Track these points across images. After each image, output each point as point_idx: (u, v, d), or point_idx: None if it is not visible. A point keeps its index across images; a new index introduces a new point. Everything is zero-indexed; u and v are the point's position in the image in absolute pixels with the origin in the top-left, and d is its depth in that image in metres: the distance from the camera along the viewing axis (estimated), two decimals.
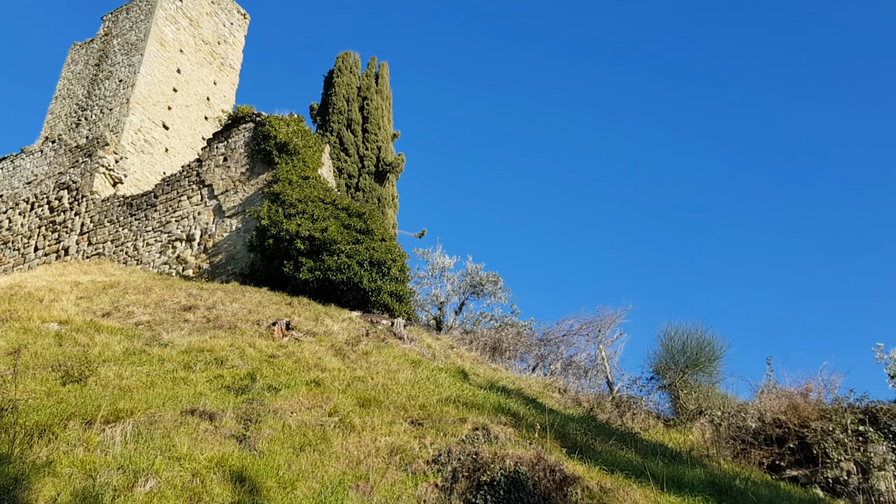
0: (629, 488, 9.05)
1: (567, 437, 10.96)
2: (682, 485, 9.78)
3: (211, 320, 14.93)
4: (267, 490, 7.57)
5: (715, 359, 16.53)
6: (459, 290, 24.64)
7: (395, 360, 13.43)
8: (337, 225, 18.56)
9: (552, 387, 16.48)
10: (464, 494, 8.54)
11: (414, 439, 9.56)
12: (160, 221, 23.26)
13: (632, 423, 14.07)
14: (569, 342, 20.85)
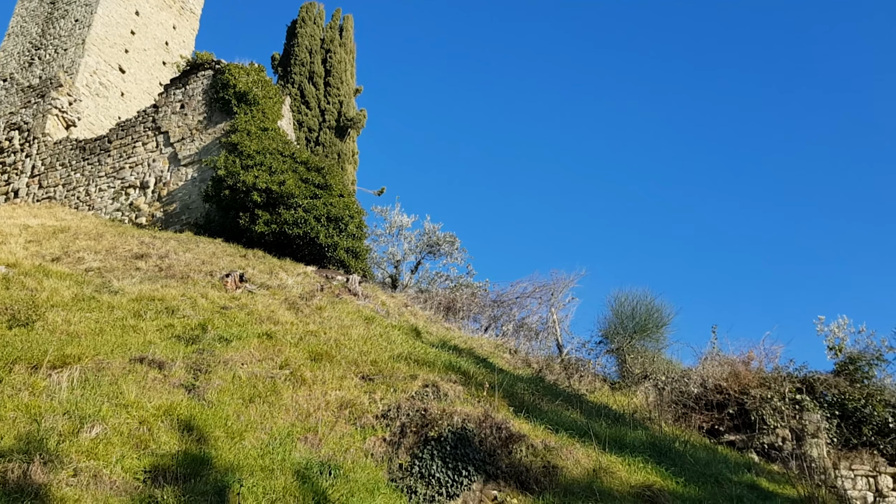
0: (572, 447, 9.30)
1: (515, 396, 11.18)
2: (624, 445, 10.07)
3: (163, 269, 14.77)
4: (215, 440, 7.60)
5: (662, 325, 16.94)
6: (416, 250, 24.71)
7: (349, 316, 13.47)
8: (295, 178, 18.38)
9: (503, 347, 16.71)
10: (411, 449, 8.68)
11: (364, 394, 9.66)
12: (114, 167, 22.77)
13: (579, 385, 14.38)
14: (522, 304, 21.13)
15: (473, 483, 8.26)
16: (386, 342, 12.11)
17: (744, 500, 8.94)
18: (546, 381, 13.82)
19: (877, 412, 13.54)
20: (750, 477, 10.19)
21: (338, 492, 7.11)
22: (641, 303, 17.21)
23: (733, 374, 13.85)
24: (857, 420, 13.67)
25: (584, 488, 8.29)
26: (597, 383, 15.24)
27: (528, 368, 15.24)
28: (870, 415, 13.53)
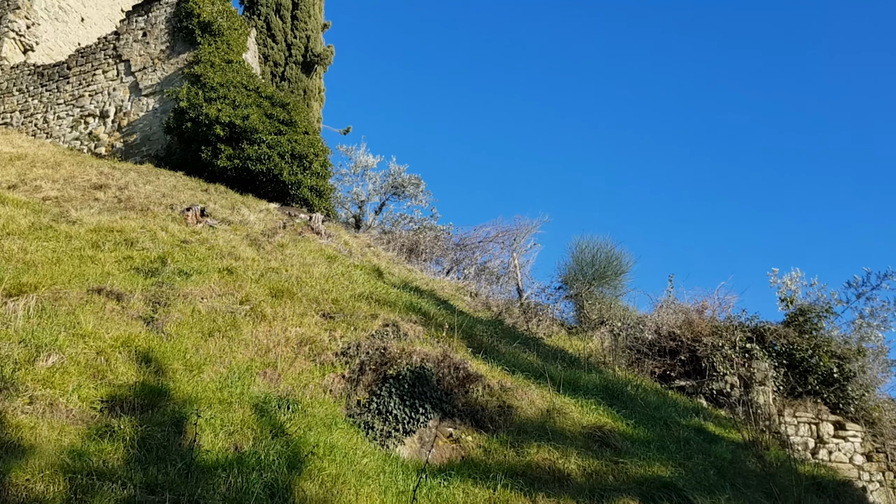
0: (528, 388, 9.51)
1: (474, 338, 11.33)
2: (578, 388, 10.32)
3: (122, 201, 14.54)
4: (173, 372, 7.63)
5: (621, 273, 17.22)
6: (381, 191, 24.61)
7: (311, 255, 13.45)
8: (259, 113, 18.08)
9: (464, 290, 16.86)
10: (370, 386, 8.80)
11: (324, 332, 9.72)
12: (73, 95, 22.13)
13: (536, 329, 14.61)
14: (484, 248, 21.25)
15: (430, 420, 8.43)
16: (348, 281, 12.14)
17: (690, 443, 9.26)
18: (505, 325, 14.02)
19: (823, 362, 14.01)
20: (698, 421, 10.54)
21: (295, 425, 7.20)
22: (602, 250, 17.46)
23: (687, 322, 14.18)
24: (803, 369, 14.14)
25: (537, 428, 8.51)
26: (554, 328, 15.50)
27: (488, 311, 15.43)
28: (816, 365, 14.00)
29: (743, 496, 7.77)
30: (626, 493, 7.33)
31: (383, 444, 7.93)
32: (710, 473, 8.22)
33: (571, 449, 8.14)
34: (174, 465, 5.83)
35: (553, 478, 7.59)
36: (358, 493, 6.34)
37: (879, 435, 14.27)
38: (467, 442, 8.26)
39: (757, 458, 9.03)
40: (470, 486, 7.13)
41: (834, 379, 14.09)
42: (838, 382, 14.08)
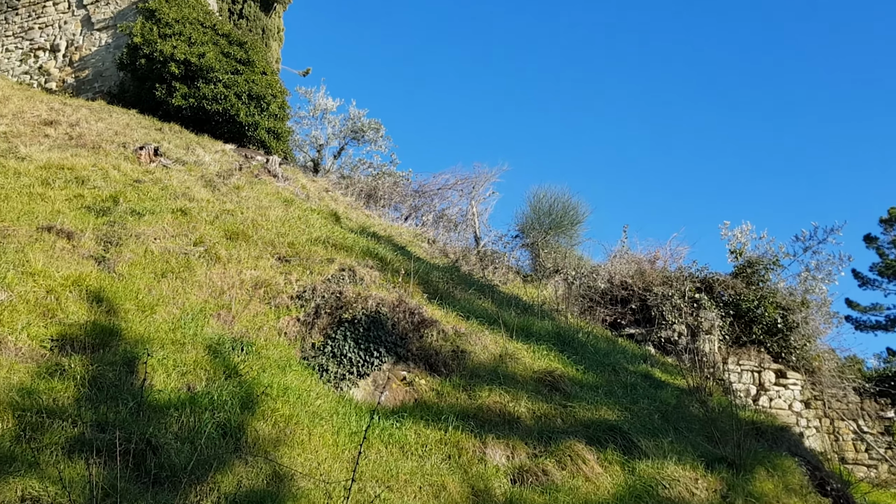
0: (482, 333, 9.66)
1: (430, 284, 11.42)
2: (531, 334, 10.51)
3: (73, 138, 14.17)
4: (125, 312, 7.58)
5: (577, 223, 17.41)
6: (340, 135, 24.32)
7: (268, 197, 13.32)
8: (216, 52, 17.64)
9: (422, 237, 16.90)
10: (325, 330, 8.85)
11: (280, 275, 9.70)
12: (22, 27, 21.29)
13: (492, 276, 14.76)
14: (443, 196, 21.23)
15: (384, 364, 8.54)
16: (304, 225, 12.07)
17: (637, 388, 9.53)
18: (461, 271, 14.13)
19: (768, 313, 14.45)
20: (645, 367, 10.83)
21: (249, 367, 7.24)
22: (559, 200, 17.60)
23: (639, 271, 14.47)
24: (749, 319, 14.57)
25: (489, 372, 8.68)
26: (510, 275, 15.67)
27: (444, 258, 15.52)
28: (761, 315, 14.44)
29: (685, 439, 8.06)
30: (573, 436, 7.55)
31: (337, 387, 8.02)
32: (655, 417, 8.49)
33: (522, 393, 8.34)
34: (125, 404, 5.85)
35: (503, 420, 7.78)
36: (311, 434, 6.43)
37: (818, 383, 14.85)
38: (421, 385, 8.40)
39: (700, 404, 9.34)
40: (422, 427, 7.28)
41: (778, 329, 14.55)
42: (782, 332, 14.56)
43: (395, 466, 6.36)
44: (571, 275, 15.27)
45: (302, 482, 5.55)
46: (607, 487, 6.86)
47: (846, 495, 8.80)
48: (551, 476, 6.86)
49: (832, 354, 15.74)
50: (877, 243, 43.05)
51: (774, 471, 7.90)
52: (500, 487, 6.58)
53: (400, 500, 5.78)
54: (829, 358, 15.44)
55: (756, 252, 15.83)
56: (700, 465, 7.42)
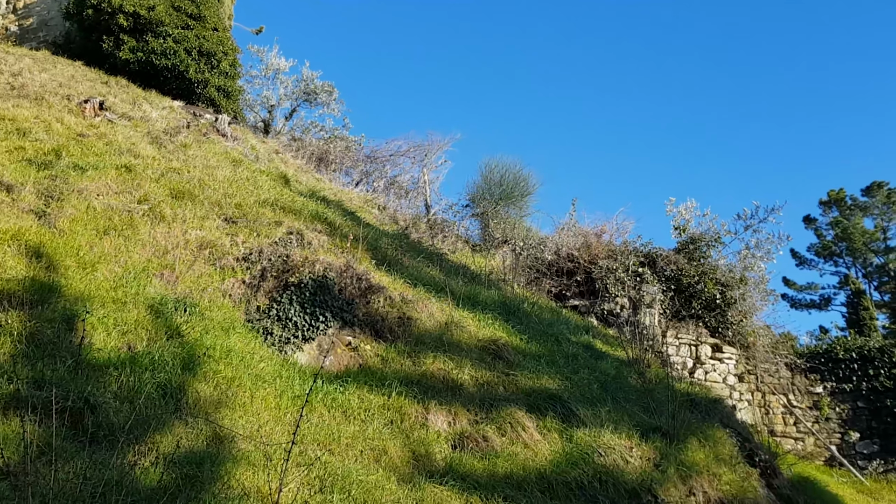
0: (428, 301, 9.72)
1: (379, 250, 11.42)
2: (477, 303, 10.61)
3: (15, 88, 13.66)
4: (65, 269, 7.41)
5: (527, 194, 17.53)
6: (292, 96, 23.92)
7: (216, 157, 13.09)
8: (166, 5, 17.12)
9: (373, 203, 16.85)
10: (270, 293, 8.80)
11: (226, 236, 9.57)
12: None
13: (442, 245, 14.82)
14: (395, 162, 21.13)
15: (330, 329, 8.53)
16: (253, 186, 11.93)
17: (578, 358, 9.72)
18: (411, 239, 14.15)
19: (707, 289, 14.82)
20: (587, 338, 11.04)
21: (192, 328, 7.17)
22: (510, 171, 17.68)
23: (585, 244, 14.67)
24: (689, 294, 14.94)
25: (435, 339, 8.76)
26: (459, 244, 15.75)
27: (394, 225, 15.51)
28: (701, 291, 14.81)
29: (622, 409, 8.27)
30: (514, 403, 7.69)
31: (281, 350, 8.00)
32: (594, 387, 8.69)
33: (466, 360, 8.44)
34: (64, 362, 5.75)
35: (446, 387, 7.88)
36: (253, 396, 6.43)
37: (752, 358, 15.34)
38: (366, 351, 8.44)
39: (638, 375, 9.59)
40: (365, 392, 7.33)
41: (716, 305, 14.95)
42: (720, 308, 14.97)
43: (337, 430, 6.41)
44: (520, 245, 15.41)
45: (242, 444, 5.56)
46: (545, 454, 7.02)
47: (773, 466, 9.16)
48: (491, 442, 6.99)
49: (767, 331, 16.25)
50: (815, 224, 44.38)
51: (706, 441, 8.17)
52: (440, 453, 6.68)
53: (341, 464, 5.83)
54: (764, 334, 15.94)
55: (699, 229, 16.20)
56: (635, 435, 7.63)
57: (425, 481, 6.00)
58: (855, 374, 16.03)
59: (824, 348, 16.67)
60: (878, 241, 41.86)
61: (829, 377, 16.16)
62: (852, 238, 41.62)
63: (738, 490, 7.65)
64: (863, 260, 42.10)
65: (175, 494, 4.73)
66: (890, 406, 15.50)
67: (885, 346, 16.14)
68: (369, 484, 5.63)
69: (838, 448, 15.47)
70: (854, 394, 15.98)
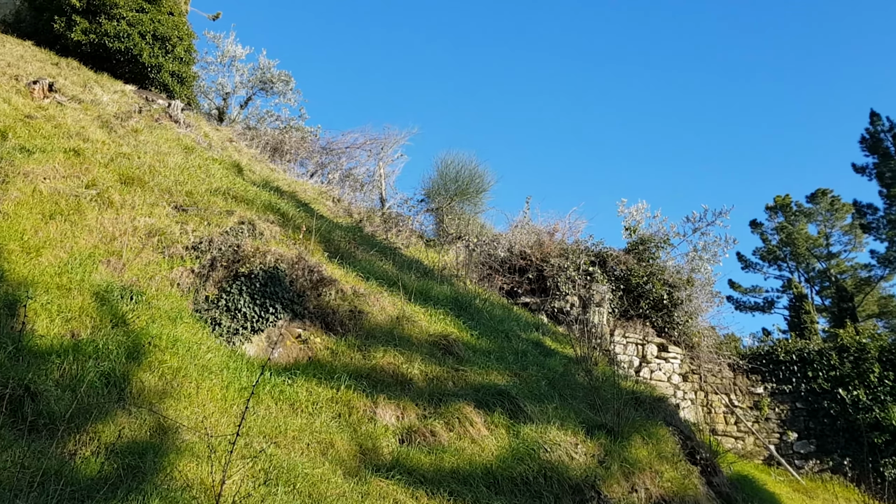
0: (380, 295, 9.71)
1: (332, 242, 11.36)
2: (429, 298, 10.64)
3: None
4: (9, 253, 7.23)
5: (482, 191, 17.61)
6: (248, 84, 23.60)
7: (168, 143, 12.88)
8: None
9: (327, 195, 16.74)
10: (220, 283, 8.69)
11: (176, 224, 9.43)
12: None
13: (396, 239, 14.81)
14: (351, 155, 20.97)
15: (279, 320, 8.47)
16: (205, 174, 11.75)
17: (528, 355, 9.82)
18: (365, 232, 14.11)
19: (655, 289, 15.08)
20: (537, 335, 11.16)
21: (138, 317, 7.06)
22: (466, 167, 17.73)
23: (538, 242, 14.80)
24: (637, 294, 15.19)
25: (386, 334, 8.76)
26: (413, 239, 15.76)
27: (349, 218, 15.44)
28: (649, 291, 15.07)
29: (569, 406, 8.38)
30: (462, 398, 7.74)
31: (229, 341, 7.93)
32: (543, 384, 8.79)
33: (416, 355, 8.46)
34: (4, 348, 5.62)
35: (396, 381, 7.89)
36: (199, 387, 6.36)
37: (696, 358, 15.67)
38: (315, 343, 8.40)
39: (586, 373, 9.72)
40: (314, 385, 7.30)
41: (664, 305, 15.23)
42: (667, 308, 15.25)
43: (284, 423, 6.38)
44: (473, 242, 15.48)
45: (187, 435, 5.50)
46: (492, 449, 7.08)
47: (713, 464, 9.38)
48: (439, 437, 7.04)
49: (712, 332, 16.61)
50: (761, 229, 45.47)
51: (650, 439, 8.33)
52: (387, 447, 6.70)
53: (287, 457, 5.81)
54: (709, 335, 16.29)
55: (649, 230, 16.47)
56: (581, 431, 7.74)
57: (372, 475, 6.01)
58: (794, 376, 16.48)
59: (766, 350, 17.09)
60: (820, 247, 43.07)
61: (769, 378, 16.58)
62: (796, 243, 42.74)
63: (678, 487, 7.82)
64: (806, 265, 43.27)
65: (116, 485, 4.67)
66: (827, 407, 15.98)
67: (823, 349, 16.62)
68: (315, 477, 5.62)
69: (777, 447, 15.89)
70: (793, 395, 16.43)
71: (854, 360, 16.03)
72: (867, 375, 15.68)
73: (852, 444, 15.54)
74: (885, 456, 14.98)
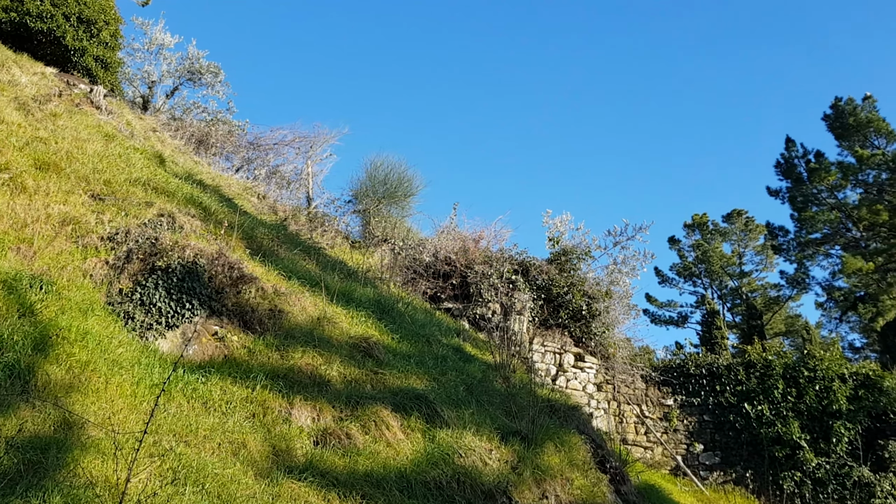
0: (302, 295, 9.62)
1: (255, 239, 11.20)
2: (352, 300, 10.59)
3: None
4: None
5: (410, 195, 17.64)
6: (175, 74, 23.03)
7: (87, 129, 12.47)
8: None
9: (252, 191, 16.49)
10: (135, 276, 8.46)
11: (92, 213, 9.14)
12: None
13: (321, 239, 14.69)
14: (279, 151, 20.67)
15: (196, 317, 8.30)
16: (125, 164, 11.43)
17: (448, 360, 9.88)
18: (289, 230, 13.95)
19: (575, 300, 15.39)
20: (458, 341, 11.23)
21: (47, 307, 6.82)
22: (395, 170, 17.73)
23: (463, 249, 14.92)
24: (558, 304, 15.47)
25: (305, 334, 8.68)
26: (338, 240, 15.65)
27: (274, 215, 15.24)
28: (569, 301, 15.36)
29: (486, 412, 8.47)
30: (380, 402, 7.73)
31: (143, 336, 7.73)
32: (461, 389, 8.86)
33: (336, 357, 8.41)
34: None
35: (314, 382, 7.83)
36: (108, 382, 6.18)
37: (611, 369, 16.04)
38: (233, 342, 8.27)
39: (504, 380, 9.85)
40: (229, 384, 7.18)
41: (582, 315, 15.55)
42: (585, 319, 15.58)
43: (196, 422, 6.25)
44: (399, 245, 15.49)
45: (93, 431, 5.34)
46: (407, 453, 7.10)
47: (622, 473, 9.62)
48: (354, 440, 7.01)
49: (627, 343, 17.04)
50: (679, 245, 46.94)
51: (562, 446, 8.49)
52: (301, 448, 6.63)
53: (197, 456, 5.70)
54: (624, 346, 16.70)
55: (572, 242, 16.80)
56: (496, 437, 7.83)
57: (284, 477, 5.95)
58: (703, 389, 17.03)
59: (678, 363, 17.61)
60: (734, 266, 44.73)
61: (680, 390, 17.10)
62: (711, 261, 44.27)
63: (588, 495, 7.99)
64: (719, 282, 44.84)
65: (15, 480, 4.50)
66: (732, 421, 16.57)
67: (732, 364, 17.24)
68: (225, 478, 5.53)
69: (684, 458, 16.39)
70: (701, 407, 16.98)
71: (760, 376, 16.67)
72: (771, 391, 16.33)
73: (755, 456, 16.15)
74: (785, 469, 15.63)
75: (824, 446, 15.57)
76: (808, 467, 15.43)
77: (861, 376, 16.24)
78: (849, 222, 34.18)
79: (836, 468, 15.31)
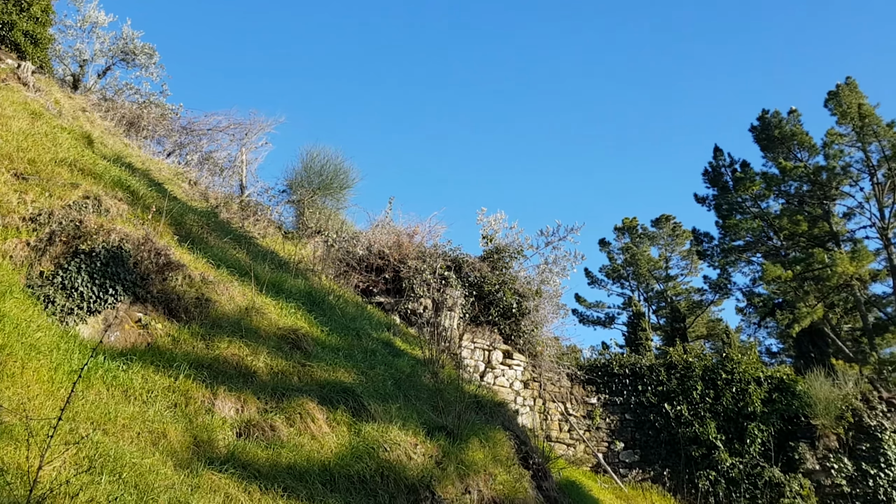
0: (231, 284, 9.50)
1: (183, 226, 10.99)
2: (282, 290, 10.50)
3: None
4: None
5: (346, 187, 17.53)
6: (108, 53, 22.30)
7: (13, 106, 12.01)
8: None
9: (183, 177, 16.13)
10: (57, 259, 8.22)
11: (14, 193, 8.84)
12: None
13: (252, 228, 14.49)
14: (212, 137, 20.19)
15: (119, 303, 8.11)
16: (51, 143, 11.05)
17: (377, 354, 9.90)
18: (220, 218, 13.72)
19: (506, 297, 15.58)
20: (388, 336, 11.25)
21: None
22: (331, 162, 17.58)
23: (397, 243, 14.92)
24: (489, 301, 15.63)
25: (233, 324, 8.58)
26: (271, 230, 15.47)
27: (205, 202, 14.96)
28: (500, 299, 15.54)
29: (413, 407, 8.52)
30: (306, 394, 7.70)
31: (63, 321, 7.52)
32: (389, 384, 8.89)
33: (263, 348, 8.34)
34: None
35: (239, 373, 7.75)
36: (24, 367, 6.00)
37: (539, 367, 16.29)
38: (156, 329, 8.11)
39: (432, 375, 9.91)
40: (151, 372, 7.05)
41: (512, 313, 15.75)
42: (515, 317, 15.78)
43: (115, 410, 6.12)
44: (333, 237, 15.39)
45: (6, 417, 5.18)
46: (331, 446, 7.09)
47: (545, 469, 9.80)
48: (278, 432, 6.96)
49: (555, 342, 17.32)
50: (609, 248, 47.91)
51: (487, 442, 8.60)
52: (223, 440, 6.56)
53: (114, 445, 5.58)
54: (552, 345, 16.98)
55: (505, 240, 16.96)
56: (422, 432, 7.89)
57: (204, 468, 5.87)
58: (626, 389, 17.45)
59: (602, 363, 17.98)
60: (660, 269, 45.89)
61: (603, 389, 17.48)
62: (639, 264, 45.32)
63: (510, 490, 8.11)
64: (646, 285, 45.94)
65: None
66: (652, 420, 17.02)
67: (654, 365, 17.69)
68: (143, 467, 5.43)
69: (605, 456, 16.77)
70: (623, 406, 17.39)
71: (680, 378, 17.16)
72: (691, 392, 16.83)
73: (672, 455, 16.62)
74: (700, 468, 16.13)
75: (739, 447, 16.12)
76: (723, 467, 15.94)
77: (776, 380, 16.85)
78: (770, 231, 35.40)
79: (749, 468, 15.86)
